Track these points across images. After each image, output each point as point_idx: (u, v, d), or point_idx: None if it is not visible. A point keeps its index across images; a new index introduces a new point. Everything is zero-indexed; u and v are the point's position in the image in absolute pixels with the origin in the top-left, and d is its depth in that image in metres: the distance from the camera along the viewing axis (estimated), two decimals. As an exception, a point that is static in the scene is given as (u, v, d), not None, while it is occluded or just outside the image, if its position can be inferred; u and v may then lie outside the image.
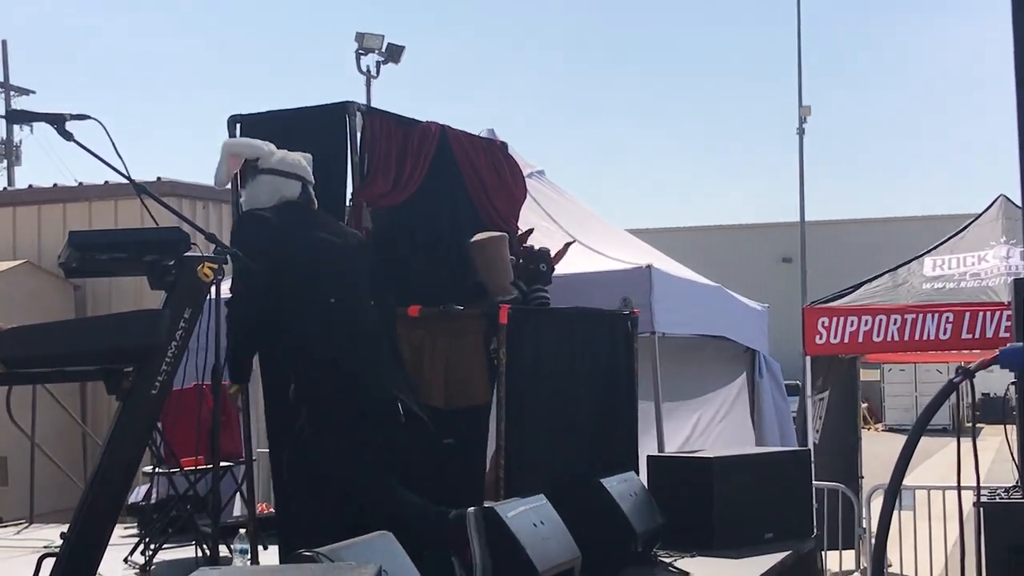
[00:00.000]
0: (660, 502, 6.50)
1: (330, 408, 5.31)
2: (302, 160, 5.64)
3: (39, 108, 4.52)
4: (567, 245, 7.32)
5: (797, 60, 35.71)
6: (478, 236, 6.76)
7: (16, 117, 4.74)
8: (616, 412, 6.92)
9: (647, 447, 7.52)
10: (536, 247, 7.18)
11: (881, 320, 9.59)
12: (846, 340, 9.73)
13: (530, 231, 7.32)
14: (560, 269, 7.31)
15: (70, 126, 4.30)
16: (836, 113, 77.50)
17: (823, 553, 8.54)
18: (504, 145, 7.68)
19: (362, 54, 26.41)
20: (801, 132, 35.40)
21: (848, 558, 10.11)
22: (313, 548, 3.73)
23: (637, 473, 6.78)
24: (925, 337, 9.41)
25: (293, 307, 5.25)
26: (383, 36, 26.28)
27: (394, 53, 26.68)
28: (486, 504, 5.37)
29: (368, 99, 24.71)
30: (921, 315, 9.44)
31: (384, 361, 5.43)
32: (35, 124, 5.21)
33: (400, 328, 5.99)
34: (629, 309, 7.28)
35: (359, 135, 6.18)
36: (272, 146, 5.65)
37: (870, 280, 10.53)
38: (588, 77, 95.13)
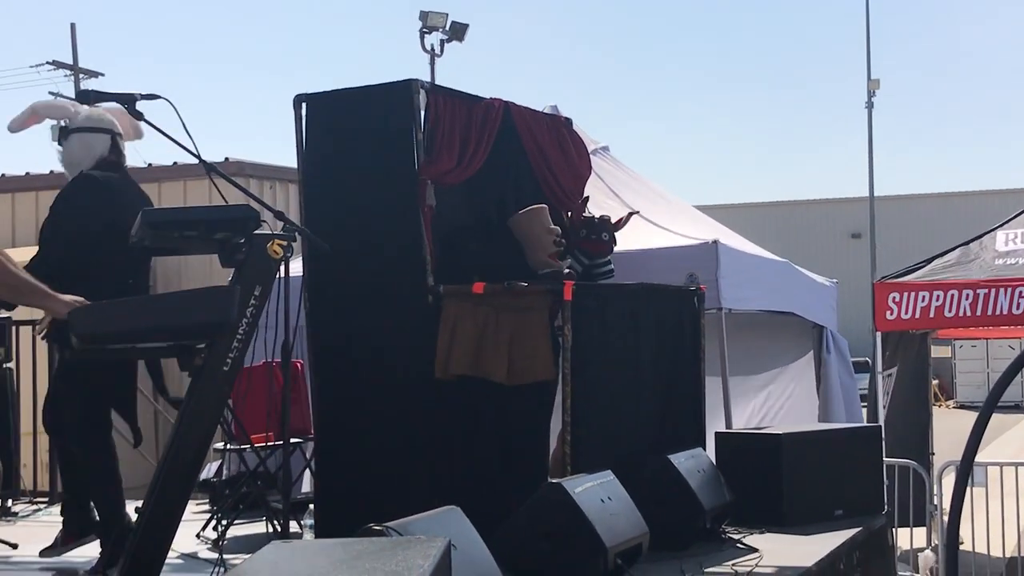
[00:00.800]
0: (728, 479, 6.48)
1: None
2: (107, 114, 5.85)
3: (109, 89, 4.57)
4: (630, 215, 7.28)
5: (866, 33, 35.31)
6: (515, 215, 6.73)
7: (86, 97, 4.78)
8: (683, 388, 6.89)
9: (714, 423, 7.49)
10: (596, 217, 7.14)
11: (953, 295, 9.47)
12: (917, 315, 9.62)
13: (586, 199, 7.29)
14: (625, 245, 7.28)
15: (140, 106, 4.34)
16: (906, 86, 76.57)
17: (894, 530, 8.47)
18: (568, 121, 7.65)
19: (426, 33, 26.45)
20: (870, 106, 35.04)
21: (919, 535, 10.03)
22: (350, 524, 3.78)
23: (705, 450, 6.76)
24: (997, 312, 9.27)
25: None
26: (447, 14, 26.29)
27: (458, 31, 26.68)
28: (553, 480, 5.38)
29: (432, 77, 24.75)
30: (993, 290, 9.31)
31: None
32: (105, 105, 5.27)
33: (464, 305, 6.01)
34: (695, 285, 7.24)
35: (423, 113, 6.19)
36: (79, 106, 5.80)
37: (941, 255, 10.41)
38: (654, 52, 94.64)
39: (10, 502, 8.34)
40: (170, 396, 5.92)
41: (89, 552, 6.20)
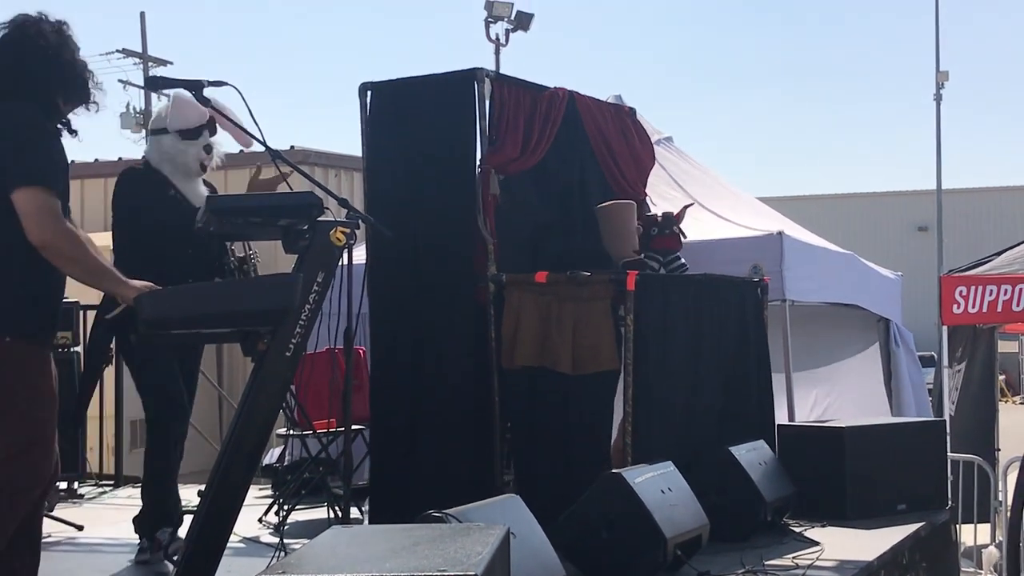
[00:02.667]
0: (791, 471, 6.44)
1: None
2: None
3: (178, 76, 4.61)
4: (686, 206, 7.26)
5: (935, 23, 34.84)
6: (606, 203, 6.74)
7: (154, 83, 4.82)
8: (746, 380, 6.85)
9: (777, 415, 7.44)
10: (658, 214, 7.13)
11: (1021, 289, 9.33)
12: (984, 309, 9.49)
13: (688, 205, 7.33)
14: (690, 236, 7.27)
15: (208, 92, 4.37)
16: (975, 78, 75.53)
17: (957, 526, 8.38)
18: (632, 111, 7.63)
19: (491, 22, 26.41)
20: (938, 98, 34.54)
21: (983, 531, 9.91)
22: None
23: (771, 441, 6.72)
24: (1066, 307, 9.14)
25: None
26: (512, 4, 26.24)
27: (523, 21, 26.62)
28: (613, 470, 5.37)
29: (497, 67, 24.72)
30: (1062, 284, 9.17)
31: None
32: (171, 94, 5.32)
33: (528, 294, 6.01)
34: (759, 276, 7.20)
35: (488, 101, 6.19)
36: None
37: (1009, 248, 10.27)
38: (718, 42, 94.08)
39: (76, 485, 8.45)
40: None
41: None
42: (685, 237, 7.04)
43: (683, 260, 6.97)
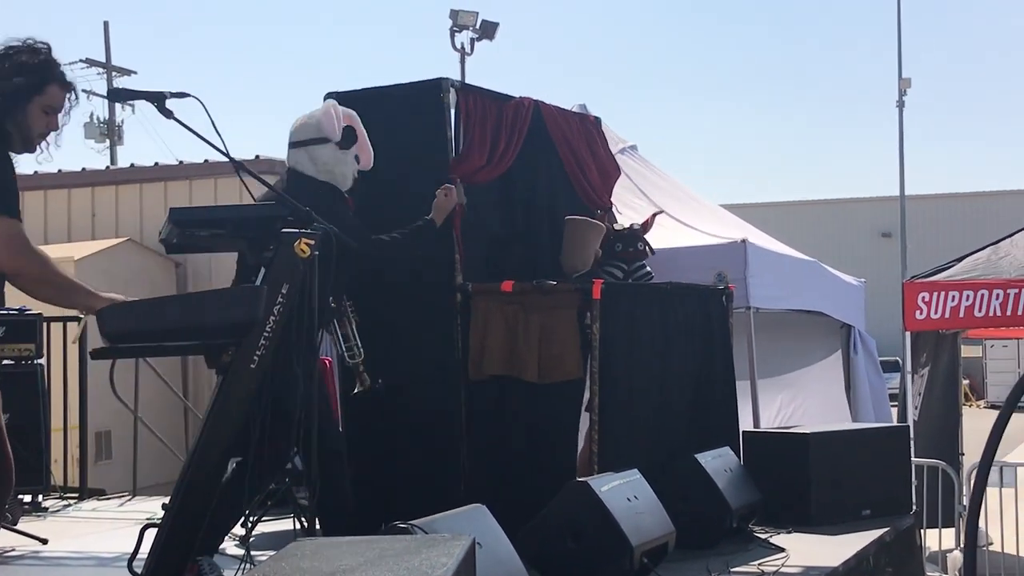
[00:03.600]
0: (756, 478, 6.47)
1: None
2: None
3: (140, 87, 4.59)
4: (654, 215, 7.29)
5: (897, 30, 35.15)
6: (575, 217, 6.74)
7: (117, 96, 4.82)
8: (712, 388, 6.88)
9: (742, 422, 7.48)
10: (625, 226, 7.15)
11: (983, 294, 9.40)
12: (947, 315, 9.55)
13: (657, 213, 7.34)
14: (654, 244, 7.29)
15: (170, 104, 4.36)
16: (937, 85, 76.13)
17: (922, 531, 8.43)
18: (597, 120, 7.65)
19: (456, 31, 26.47)
20: (901, 105, 34.84)
21: (948, 536, 9.96)
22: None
23: (736, 448, 6.75)
24: (1027, 312, 9.21)
25: None
26: (477, 13, 26.30)
27: (488, 30, 26.69)
28: (579, 479, 5.38)
29: (463, 76, 24.75)
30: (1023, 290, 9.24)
31: None
32: (136, 103, 5.30)
33: (494, 303, 6.02)
34: (724, 284, 7.24)
35: (453, 111, 6.20)
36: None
37: (971, 254, 10.34)
38: (682, 51, 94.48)
39: (40, 498, 8.39)
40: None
41: (115, 547, 6.24)
42: (652, 253, 7.05)
43: (648, 268, 6.99)
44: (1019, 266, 9.67)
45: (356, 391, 5.65)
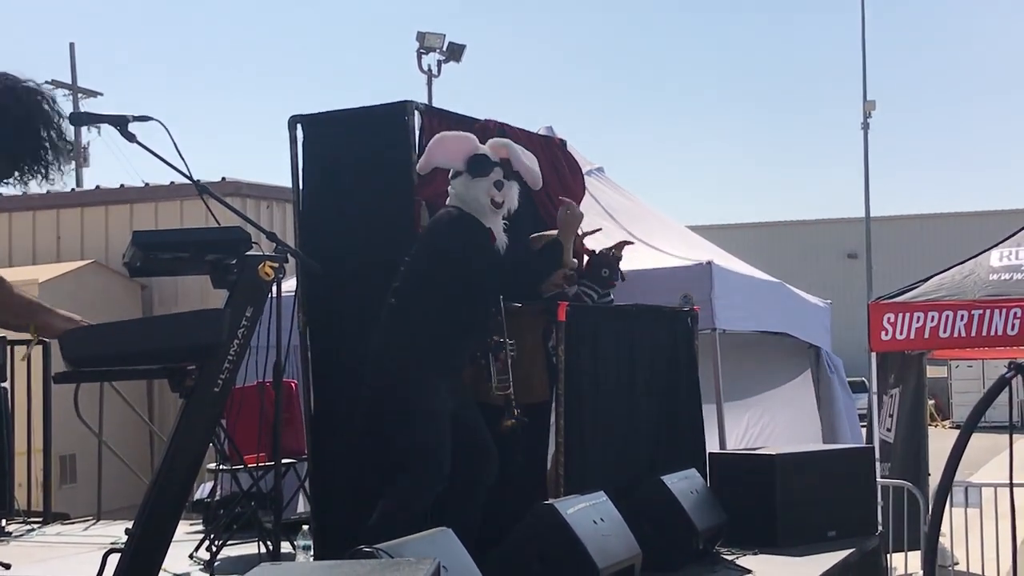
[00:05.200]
0: (722, 499, 6.48)
1: None
2: None
3: (107, 110, 4.58)
4: (622, 244, 7.30)
5: (862, 53, 35.43)
6: (536, 235, 6.73)
7: (80, 119, 4.79)
8: (677, 409, 6.89)
9: (708, 444, 7.49)
10: (598, 250, 7.14)
11: (948, 315, 9.46)
12: (912, 336, 9.60)
13: (597, 230, 7.30)
14: (622, 266, 7.28)
15: (133, 127, 4.35)
16: (902, 107, 76.77)
17: (889, 554, 8.47)
18: (563, 143, 7.66)
19: (423, 53, 26.58)
20: (866, 127, 35.14)
21: (914, 558, 10.01)
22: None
23: (702, 470, 6.76)
24: (993, 333, 9.26)
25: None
26: (444, 35, 26.41)
27: (455, 52, 26.80)
28: (546, 501, 5.38)
29: (430, 98, 24.84)
30: (989, 310, 9.30)
31: None
32: (101, 126, 5.26)
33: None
34: (689, 306, 7.25)
35: (417, 134, 6.21)
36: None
37: (936, 274, 10.40)
38: (650, 73, 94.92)
39: (3, 522, 8.32)
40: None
41: (79, 571, 6.19)
42: (623, 279, 7.05)
43: (612, 297, 6.96)
44: (984, 286, 9.74)
45: (507, 424, 5.61)
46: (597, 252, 7.04)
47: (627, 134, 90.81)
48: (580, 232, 7.15)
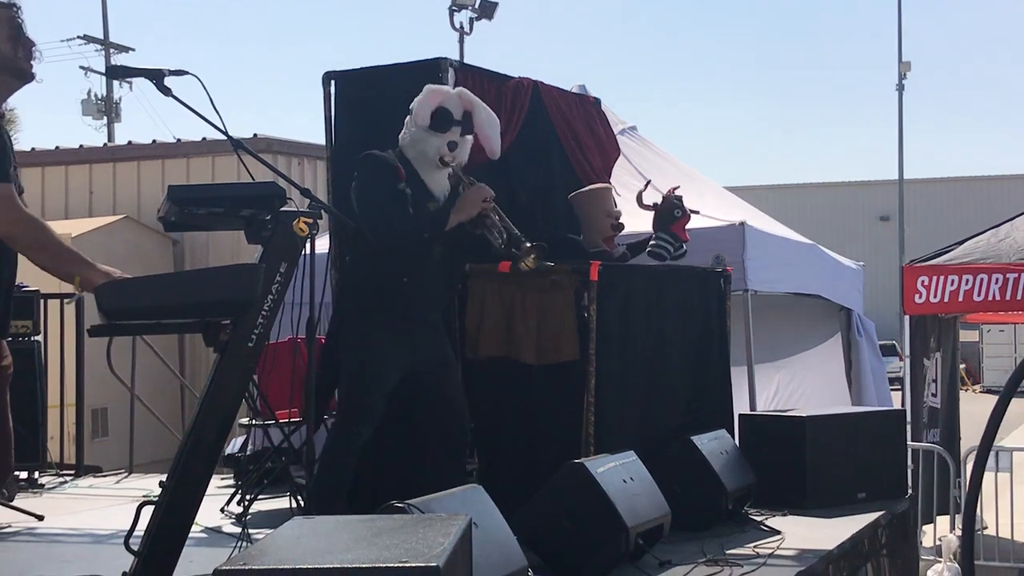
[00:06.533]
0: (752, 461, 6.47)
1: None
2: None
3: (138, 64, 4.58)
4: (646, 184, 7.24)
5: (897, 14, 35.12)
6: (579, 191, 6.70)
7: (116, 73, 4.81)
8: (709, 370, 6.88)
9: (739, 405, 7.48)
10: (661, 199, 7.03)
11: (982, 279, 9.41)
12: (946, 299, 9.56)
13: (648, 183, 7.25)
14: (651, 227, 7.25)
15: (168, 81, 4.35)
16: (937, 68, 76.07)
17: (918, 515, 8.45)
18: (597, 101, 7.63)
19: (455, 10, 26.49)
20: (901, 88, 34.88)
21: (943, 521, 9.99)
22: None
23: (731, 431, 6.75)
24: (1028, 296, 9.21)
25: None
26: (477, -9, 26.28)
27: (487, 9, 26.69)
28: (576, 460, 5.38)
29: (461, 56, 24.74)
30: (1023, 274, 9.24)
31: None
32: (134, 81, 5.25)
33: (491, 284, 6.02)
34: (722, 266, 7.22)
35: (452, 91, 6.18)
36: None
37: (971, 238, 10.33)
38: (684, 32, 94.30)
39: (36, 474, 8.40)
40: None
41: (111, 524, 6.25)
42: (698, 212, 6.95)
43: (685, 249, 6.85)
44: (1019, 250, 9.67)
45: (522, 266, 5.50)
46: (662, 199, 6.88)
47: (662, 93, 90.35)
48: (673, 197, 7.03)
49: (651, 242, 6.68)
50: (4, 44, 4.05)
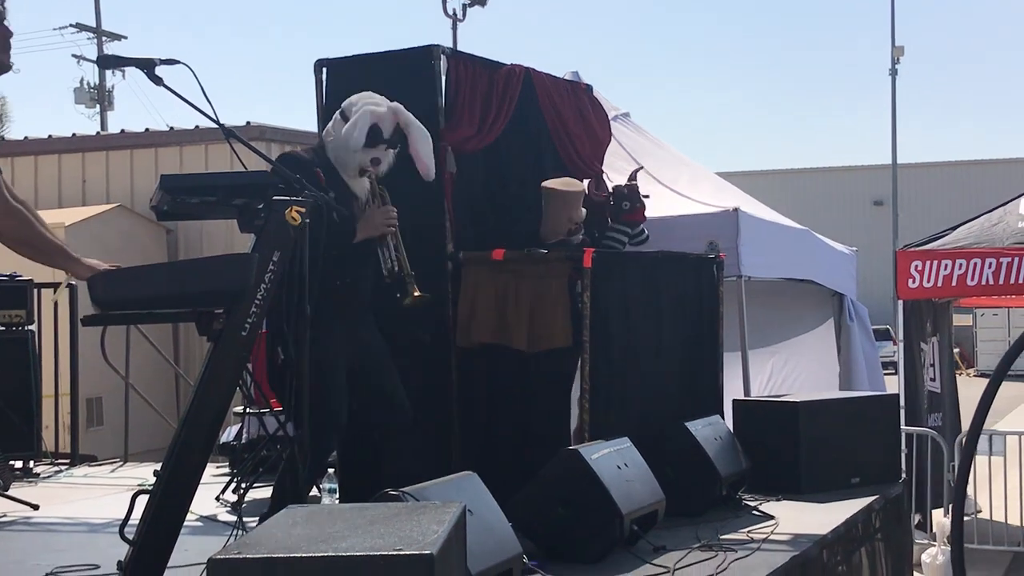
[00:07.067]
0: (746, 446, 6.49)
1: None
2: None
3: (130, 54, 4.57)
4: (636, 170, 7.25)
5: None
6: (547, 182, 6.69)
7: (107, 62, 4.79)
8: (701, 356, 6.89)
9: (732, 391, 7.49)
10: (624, 183, 7.10)
11: (976, 263, 9.42)
12: (939, 284, 9.58)
13: (638, 169, 7.27)
14: (647, 212, 7.27)
15: (160, 71, 4.34)
16: (930, 53, 76.05)
17: (912, 499, 8.47)
18: (588, 88, 7.63)
19: (448, -3, 26.42)
20: (894, 73, 34.88)
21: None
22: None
23: (723, 417, 6.76)
24: (1021, 281, 9.22)
25: None
26: (470, -21, 26.24)
27: (480, -5, 26.63)
28: (570, 447, 5.40)
29: (454, 42, 24.76)
30: (1017, 258, 9.25)
31: None
32: (126, 69, 5.21)
33: (484, 272, 6.02)
34: (715, 253, 7.23)
35: (443, 79, 6.19)
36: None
37: (964, 223, 10.34)
38: (675, 18, 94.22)
39: (31, 464, 8.41)
40: None
41: (106, 513, 6.26)
42: (648, 197, 7.03)
43: (645, 230, 6.96)
44: (1012, 234, 9.68)
45: (406, 302, 5.51)
46: (611, 190, 7.00)
47: (654, 80, 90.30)
48: (632, 182, 7.08)
49: (606, 234, 6.82)
50: None
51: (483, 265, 6.05)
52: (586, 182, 7.08)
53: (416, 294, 5.49)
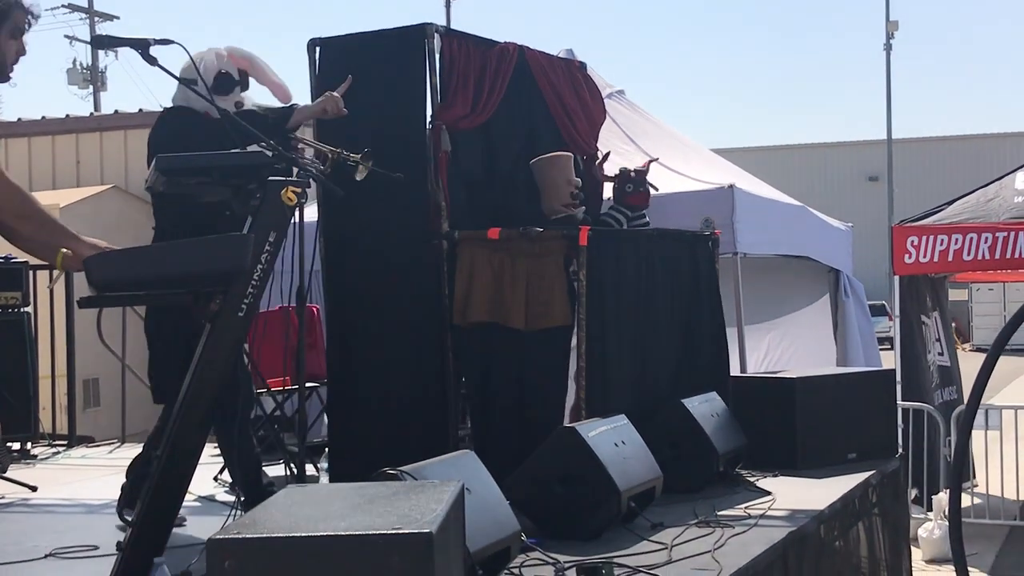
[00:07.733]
0: (743, 422, 6.50)
1: None
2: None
3: (123, 33, 4.55)
4: (649, 162, 7.26)
5: (885, -27, 34.98)
6: (537, 158, 6.69)
7: (101, 42, 4.76)
8: (699, 333, 6.89)
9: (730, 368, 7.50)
10: (631, 170, 7.10)
11: (972, 238, 9.43)
12: (935, 259, 9.59)
13: (607, 155, 7.27)
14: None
15: (154, 51, 4.32)
16: (925, 27, 75.93)
17: (909, 474, 8.48)
18: (583, 65, 7.61)
19: (442, -26, 26.33)
20: (888, 48, 34.85)
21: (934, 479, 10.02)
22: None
23: (725, 393, 6.77)
24: (1018, 255, 9.24)
25: None
26: (463, -44, 26.16)
27: (474, -27, 26.52)
28: (567, 424, 5.40)
29: (448, 20, 24.67)
30: (1012, 233, 9.27)
31: None
32: (120, 49, 5.18)
33: (480, 251, 6.02)
34: (711, 229, 7.23)
35: (437, 57, 6.17)
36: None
37: (960, 198, 10.35)
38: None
39: (29, 445, 8.41)
40: None
41: (104, 494, 6.27)
42: (657, 189, 7.05)
43: (647, 219, 6.95)
44: (1008, 209, 9.68)
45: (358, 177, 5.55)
46: (618, 171, 7.01)
47: (648, 56, 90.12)
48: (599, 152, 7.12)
49: (607, 211, 6.89)
50: (5, 42, 4.00)
51: (479, 244, 6.04)
52: (583, 161, 7.07)
53: (367, 163, 5.52)
